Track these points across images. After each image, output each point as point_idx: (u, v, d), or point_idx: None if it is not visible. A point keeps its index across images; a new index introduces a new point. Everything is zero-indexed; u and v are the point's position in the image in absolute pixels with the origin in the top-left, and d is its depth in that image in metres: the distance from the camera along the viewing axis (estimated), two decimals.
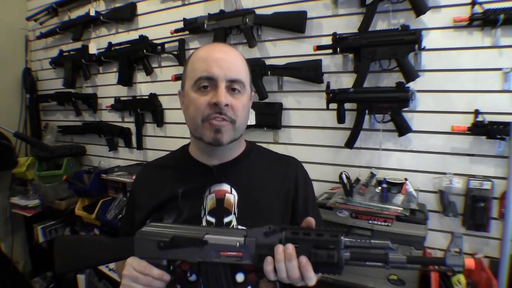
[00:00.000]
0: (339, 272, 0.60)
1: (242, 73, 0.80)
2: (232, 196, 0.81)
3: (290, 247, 0.61)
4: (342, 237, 0.60)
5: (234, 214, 0.80)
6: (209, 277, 0.69)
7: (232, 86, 0.77)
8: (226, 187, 0.82)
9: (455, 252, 0.58)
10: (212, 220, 0.79)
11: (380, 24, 1.50)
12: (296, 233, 0.62)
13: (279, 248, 0.61)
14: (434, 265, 0.60)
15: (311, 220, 0.67)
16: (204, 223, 0.79)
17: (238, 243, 0.64)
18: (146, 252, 0.69)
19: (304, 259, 0.60)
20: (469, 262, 0.53)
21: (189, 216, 0.79)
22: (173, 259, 0.69)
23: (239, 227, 0.78)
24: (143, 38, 2.13)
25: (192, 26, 1.89)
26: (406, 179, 1.42)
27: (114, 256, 0.75)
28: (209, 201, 0.81)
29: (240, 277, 0.78)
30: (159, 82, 2.20)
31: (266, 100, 1.74)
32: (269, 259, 0.62)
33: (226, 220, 0.79)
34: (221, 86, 0.75)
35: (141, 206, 0.86)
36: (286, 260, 0.61)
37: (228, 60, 0.78)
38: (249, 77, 0.84)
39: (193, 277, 0.78)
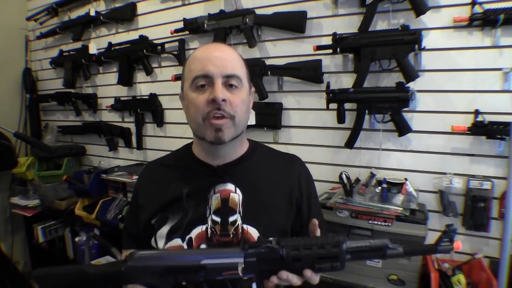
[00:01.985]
0: (340, 270, 0.62)
1: (238, 68, 0.81)
2: (236, 196, 0.82)
3: (295, 278, 0.63)
4: (344, 246, 0.60)
5: (239, 213, 0.81)
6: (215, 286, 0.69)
7: (229, 81, 0.78)
8: (230, 186, 0.83)
9: (446, 241, 0.59)
10: (218, 219, 0.80)
11: (380, 24, 1.50)
12: (297, 249, 0.62)
13: (283, 275, 0.63)
14: (428, 253, 0.62)
15: (315, 223, 0.69)
16: (209, 223, 0.80)
17: (238, 266, 0.63)
18: (142, 279, 0.65)
19: (308, 273, 0.62)
20: (457, 245, 0.59)
21: (194, 216, 0.80)
22: (174, 282, 0.66)
23: (243, 225, 0.78)
24: (143, 38, 2.13)
25: (192, 26, 1.89)
26: (406, 179, 1.42)
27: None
28: (214, 201, 0.82)
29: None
30: (159, 82, 2.20)
31: (266, 100, 1.74)
32: (272, 279, 0.63)
33: (231, 219, 0.80)
34: (217, 83, 0.76)
35: (145, 206, 0.87)
36: (290, 279, 0.63)
37: (222, 57, 0.79)
38: (246, 73, 0.85)
39: None
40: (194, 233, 0.80)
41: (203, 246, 0.80)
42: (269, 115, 1.75)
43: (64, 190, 2.45)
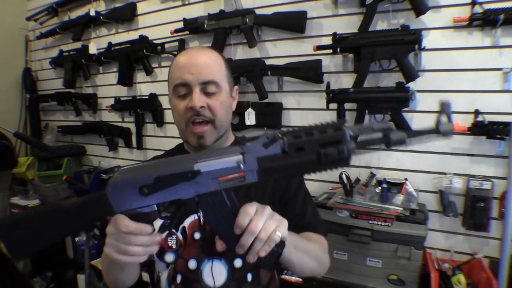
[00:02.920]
0: (347, 165, 0.56)
1: (215, 73, 0.83)
2: None
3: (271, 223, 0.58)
4: (346, 129, 0.54)
5: None
6: (213, 209, 0.59)
7: (206, 88, 0.81)
8: None
9: (445, 120, 0.57)
10: None
11: (380, 24, 1.50)
12: (299, 136, 0.55)
13: (249, 208, 0.58)
14: (430, 134, 0.56)
15: None
16: (201, 212, 0.81)
17: (236, 163, 0.55)
18: (128, 204, 0.57)
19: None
20: (457, 126, 0.55)
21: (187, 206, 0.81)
22: (163, 201, 0.58)
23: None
24: (143, 38, 2.13)
25: (192, 26, 1.89)
26: (406, 179, 1.42)
27: (85, 221, 0.59)
28: None
29: (238, 263, 0.81)
30: (159, 82, 2.20)
31: (266, 100, 1.74)
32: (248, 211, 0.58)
33: None
34: (195, 91, 0.80)
35: None
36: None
37: (199, 64, 0.82)
38: (226, 74, 0.87)
39: (193, 265, 0.82)
40: (187, 222, 0.84)
41: (196, 234, 0.83)
42: (269, 115, 1.75)
43: (64, 190, 2.45)
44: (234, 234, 0.58)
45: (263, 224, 0.57)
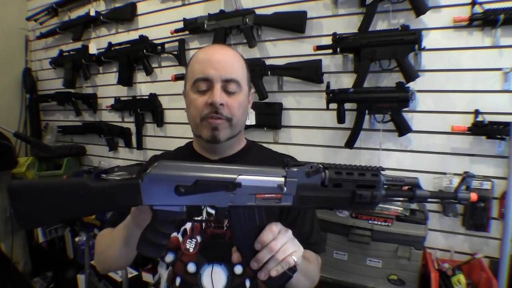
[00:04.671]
0: (373, 209, 0.61)
1: (238, 72, 0.83)
2: None
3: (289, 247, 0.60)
4: (382, 177, 0.58)
5: None
6: (241, 221, 0.59)
7: (228, 86, 0.81)
8: None
9: (464, 190, 0.62)
10: (212, 211, 0.81)
11: (380, 24, 1.50)
12: (339, 172, 0.58)
13: (273, 227, 0.59)
14: (449, 199, 0.62)
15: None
16: (204, 215, 0.81)
17: (278, 185, 0.56)
18: (158, 199, 0.56)
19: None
20: (473, 196, 0.60)
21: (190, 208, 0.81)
22: (196, 204, 0.58)
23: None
24: (143, 38, 2.13)
25: (192, 26, 1.89)
26: None
27: (110, 205, 0.57)
28: None
29: (238, 269, 0.81)
30: (159, 82, 2.20)
31: (266, 100, 1.74)
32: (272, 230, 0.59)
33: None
34: (216, 87, 0.79)
35: None
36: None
37: (223, 60, 0.81)
38: (247, 75, 0.87)
39: (192, 269, 0.81)
40: (189, 224, 0.83)
41: (198, 238, 0.82)
42: (269, 115, 1.75)
43: None
44: (253, 249, 0.59)
45: (282, 245, 0.58)
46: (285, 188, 0.56)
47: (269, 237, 0.58)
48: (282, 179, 0.57)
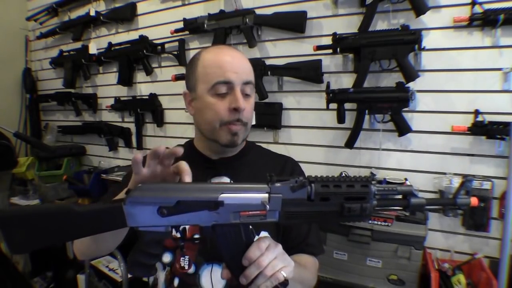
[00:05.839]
0: (365, 221, 0.59)
1: (252, 74, 0.85)
2: None
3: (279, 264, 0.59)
4: (372, 187, 0.56)
5: None
6: (227, 238, 0.59)
7: (245, 89, 0.82)
8: (225, 179, 0.87)
9: (464, 194, 0.60)
10: None
11: (380, 24, 1.50)
12: (326, 185, 0.56)
13: (261, 244, 0.59)
14: (447, 205, 0.60)
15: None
16: None
17: (261, 201, 0.55)
18: (142, 221, 0.56)
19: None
20: (474, 201, 0.59)
21: None
22: (179, 224, 0.59)
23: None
24: (143, 38, 2.13)
25: (192, 26, 1.89)
26: (406, 179, 1.42)
27: (94, 229, 0.58)
28: None
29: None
30: (159, 82, 2.20)
31: (266, 100, 1.74)
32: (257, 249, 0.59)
33: None
34: (237, 90, 0.80)
35: None
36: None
37: (240, 63, 0.82)
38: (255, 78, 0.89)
39: (191, 270, 0.80)
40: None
41: (196, 236, 0.81)
42: (269, 115, 1.75)
43: (64, 190, 2.45)
44: (241, 266, 0.59)
45: (270, 261, 0.58)
46: (267, 206, 0.55)
47: (255, 254, 0.57)
48: (266, 195, 0.56)
